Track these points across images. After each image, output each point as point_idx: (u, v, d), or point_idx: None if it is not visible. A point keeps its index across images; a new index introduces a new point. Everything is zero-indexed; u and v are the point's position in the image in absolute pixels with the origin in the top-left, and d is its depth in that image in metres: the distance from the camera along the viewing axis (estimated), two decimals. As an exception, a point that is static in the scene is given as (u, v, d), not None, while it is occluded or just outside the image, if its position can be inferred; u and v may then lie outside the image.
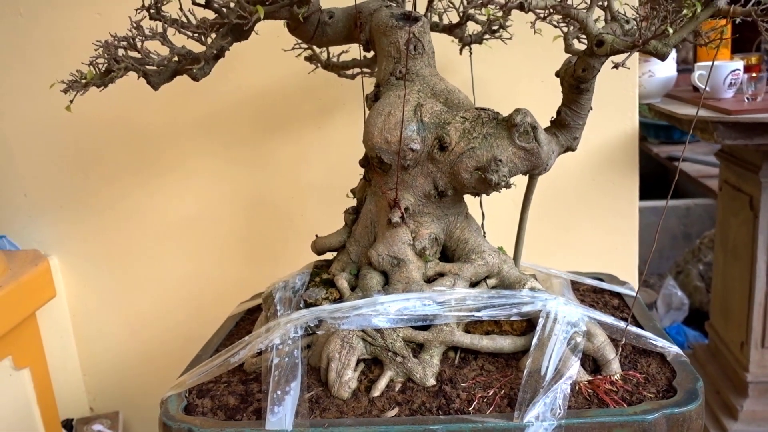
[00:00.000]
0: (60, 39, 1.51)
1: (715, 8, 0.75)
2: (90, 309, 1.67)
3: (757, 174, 1.46)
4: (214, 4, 0.95)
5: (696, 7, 0.73)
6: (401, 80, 0.91)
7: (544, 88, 1.43)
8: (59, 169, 1.59)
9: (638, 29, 0.76)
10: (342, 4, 1.00)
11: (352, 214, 1.01)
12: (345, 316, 0.90)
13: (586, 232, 1.52)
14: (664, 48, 0.75)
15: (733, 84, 1.44)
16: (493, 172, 0.85)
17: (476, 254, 0.94)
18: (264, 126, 1.54)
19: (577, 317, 0.88)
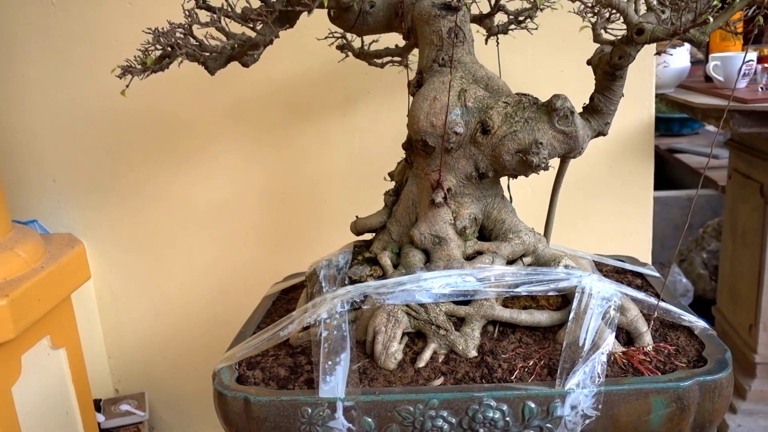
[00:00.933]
0: (91, 28, 1.54)
1: None
2: (116, 293, 1.70)
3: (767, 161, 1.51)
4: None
5: None
6: (444, 67, 0.95)
7: (564, 77, 1.48)
8: (87, 156, 1.63)
9: (679, 18, 0.81)
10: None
11: (393, 196, 1.05)
12: (390, 292, 0.94)
13: (602, 218, 1.57)
14: (702, 36, 0.80)
15: (746, 74, 1.49)
16: (534, 155, 0.90)
17: (513, 233, 0.98)
18: (290, 114, 1.57)
19: (610, 293, 0.93)
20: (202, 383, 1.74)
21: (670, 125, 3.65)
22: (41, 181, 1.64)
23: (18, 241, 1.29)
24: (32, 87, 1.59)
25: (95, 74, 1.57)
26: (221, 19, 0.92)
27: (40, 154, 1.63)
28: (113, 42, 1.55)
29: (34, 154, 1.62)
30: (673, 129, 3.64)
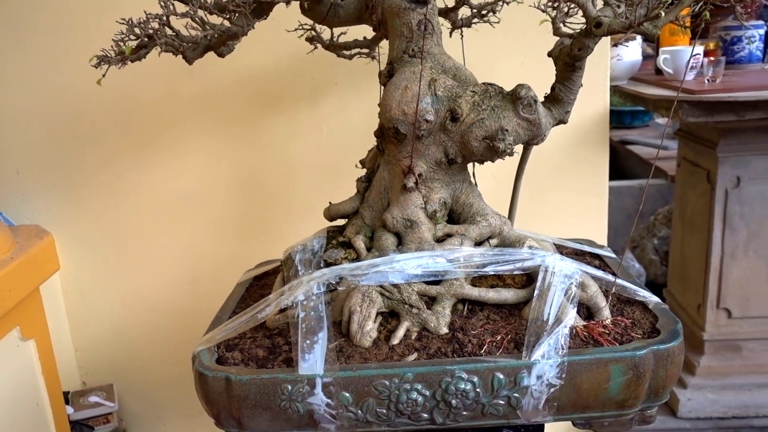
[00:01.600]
0: (57, 17, 1.54)
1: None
2: (83, 285, 1.70)
3: (715, 150, 1.60)
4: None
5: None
6: (414, 58, 1.00)
7: (524, 69, 1.54)
8: (52, 147, 1.62)
9: (633, 12, 0.87)
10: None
11: (365, 182, 1.09)
12: (364, 273, 0.98)
13: (561, 203, 1.64)
14: (654, 29, 0.86)
15: (694, 67, 1.57)
16: (500, 141, 0.95)
17: (480, 216, 1.03)
18: (258, 105, 1.60)
19: (572, 270, 0.99)
20: (171, 373, 1.76)
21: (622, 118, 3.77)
22: (4, 172, 1.63)
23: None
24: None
25: (60, 64, 1.57)
26: (197, 11, 0.94)
27: (2, 146, 1.61)
28: (79, 32, 1.55)
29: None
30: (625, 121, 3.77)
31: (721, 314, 1.70)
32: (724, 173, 1.60)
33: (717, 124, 1.51)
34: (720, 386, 1.72)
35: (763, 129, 1.56)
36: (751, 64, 1.76)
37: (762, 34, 1.75)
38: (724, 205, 1.63)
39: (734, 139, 1.57)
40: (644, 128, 3.77)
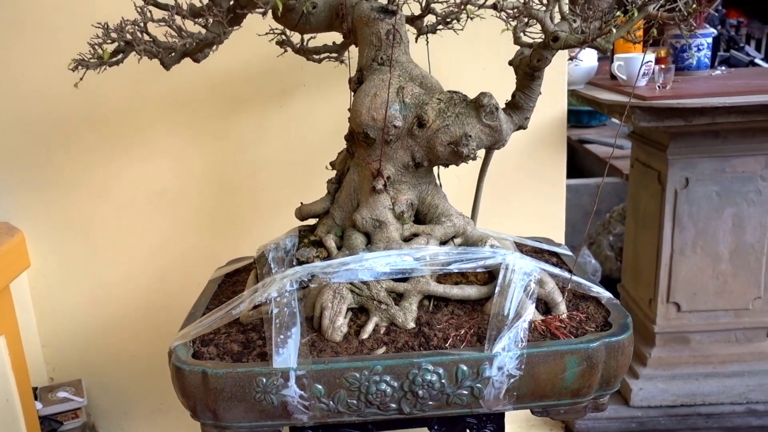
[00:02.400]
0: (26, 15, 1.54)
1: (647, 12, 0.93)
2: (51, 281, 1.71)
3: (665, 152, 1.68)
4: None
5: (633, 11, 0.91)
6: (383, 66, 1.05)
7: (486, 73, 1.60)
8: (20, 143, 1.62)
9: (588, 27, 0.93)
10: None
11: (335, 184, 1.13)
12: (335, 271, 1.03)
13: (521, 202, 1.71)
14: (607, 44, 0.93)
15: (646, 74, 1.65)
16: (464, 146, 1.01)
17: (445, 217, 1.09)
18: (228, 105, 1.63)
19: (531, 268, 1.06)
20: (139, 368, 1.78)
21: (580, 117, 3.88)
22: (-29, 170, 1.63)
23: (-43, 230, 1.30)
24: (-39, 74, 1.57)
25: (29, 61, 1.57)
26: (174, 18, 0.97)
27: (-30, 144, 1.61)
28: (48, 30, 1.55)
29: (-36, 143, 1.61)
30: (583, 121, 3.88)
31: (671, 308, 1.79)
32: (673, 174, 1.69)
33: (667, 129, 1.59)
34: (670, 376, 1.82)
35: (710, 133, 1.65)
36: (700, 71, 1.85)
37: (710, 43, 1.85)
38: (673, 205, 1.72)
39: (683, 142, 1.66)
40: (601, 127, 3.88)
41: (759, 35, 5.15)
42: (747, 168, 1.69)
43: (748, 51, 3.95)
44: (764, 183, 1.71)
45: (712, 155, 1.69)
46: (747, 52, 3.88)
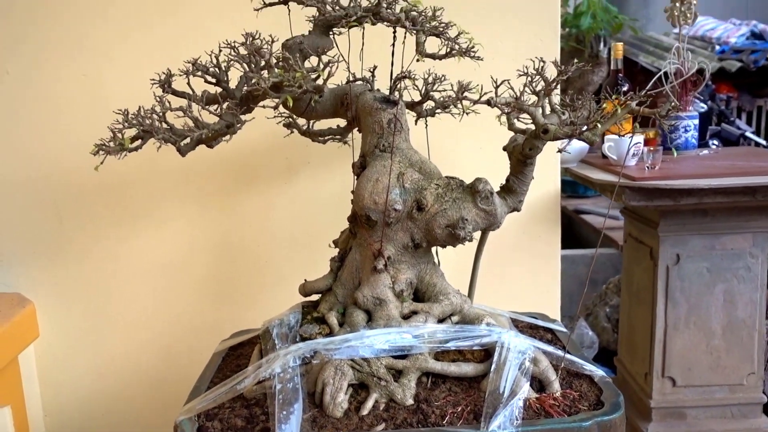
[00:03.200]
0: (45, 97, 1.62)
1: (629, 108, 1.00)
2: (57, 351, 1.73)
3: (656, 229, 1.74)
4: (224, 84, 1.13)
5: (617, 108, 0.98)
6: (384, 152, 1.11)
7: (483, 154, 1.67)
8: (33, 215, 1.68)
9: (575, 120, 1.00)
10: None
11: (338, 262, 1.19)
12: (337, 348, 1.07)
13: (517, 277, 1.76)
14: (594, 137, 1.00)
15: (635, 154, 1.73)
16: (461, 229, 1.06)
17: (443, 295, 1.14)
18: (236, 179, 1.69)
19: (525, 347, 1.09)
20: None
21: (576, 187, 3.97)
22: (-16, 240, 1.68)
23: (-29, 302, 1.34)
24: (-20, 149, 1.64)
25: (44, 138, 1.65)
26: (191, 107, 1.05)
27: (-18, 214, 1.67)
28: (65, 108, 1.63)
29: (-22, 214, 1.67)
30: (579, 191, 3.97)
31: (666, 383, 1.82)
32: (664, 251, 1.74)
33: (657, 207, 1.66)
34: (668, 451, 1.83)
35: (698, 211, 1.72)
36: (688, 150, 1.93)
37: (696, 124, 1.94)
38: (666, 281, 1.76)
39: (673, 220, 1.72)
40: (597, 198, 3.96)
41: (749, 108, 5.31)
42: (736, 245, 1.75)
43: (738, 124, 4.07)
44: (753, 260, 1.76)
45: (701, 233, 1.75)
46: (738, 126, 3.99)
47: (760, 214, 1.74)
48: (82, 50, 1.62)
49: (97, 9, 1.60)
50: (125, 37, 1.62)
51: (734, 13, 5.05)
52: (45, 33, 1.61)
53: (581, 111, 1.06)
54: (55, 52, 1.61)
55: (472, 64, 1.10)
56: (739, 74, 4.18)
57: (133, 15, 1.61)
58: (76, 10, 1.60)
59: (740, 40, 4.52)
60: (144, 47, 1.62)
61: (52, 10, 1.60)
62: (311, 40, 1.13)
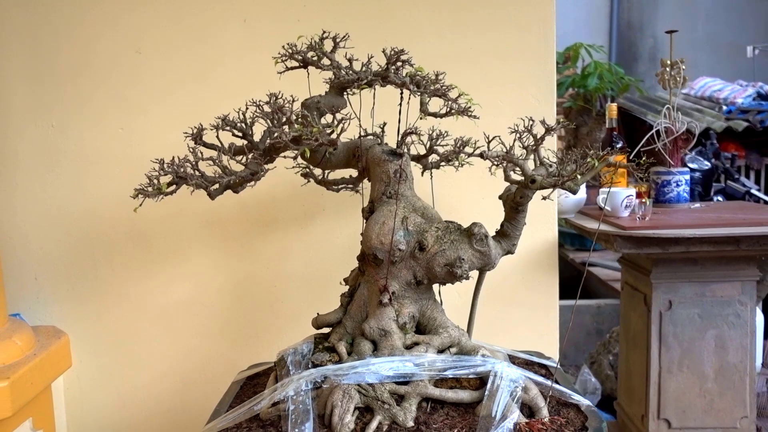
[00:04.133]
0: (85, 146, 1.79)
1: (606, 162, 1.14)
2: (83, 382, 1.85)
3: (649, 276, 1.85)
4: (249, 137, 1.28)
5: (595, 162, 1.12)
6: (391, 199, 1.25)
7: (483, 203, 1.80)
8: (68, 257, 1.82)
9: (558, 171, 1.13)
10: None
11: (348, 297, 1.31)
12: (345, 374, 1.18)
13: (515, 321, 1.87)
14: (575, 187, 1.13)
15: (628, 206, 1.85)
16: (458, 267, 1.19)
17: (442, 329, 1.25)
18: (255, 225, 1.84)
19: (517, 375, 1.20)
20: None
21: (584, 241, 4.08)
22: (24, 278, 1.82)
23: (15, 330, 1.47)
24: (25, 195, 1.80)
25: (83, 186, 1.80)
26: (220, 156, 1.19)
27: (25, 254, 1.82)
28: (103, 159, 1.80)
29: (21, 254, 1.81)
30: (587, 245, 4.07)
31: (662, 424, 1.89)
32: (657, 297, 1.85)
33: (648, 255, 1.77)
34: (666, 494, 1.88)
35: (689, 260, 1.83)
36: (680, 204, 2.05)
37: (687, 179, 2.06)
38: (659, 326, 1.86)
39: (665, 268, 1.83)
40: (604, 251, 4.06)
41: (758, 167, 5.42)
42: (725, 293, 1.85)
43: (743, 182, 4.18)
44: (742, 307, 1.86)
45: (692, 280, 1.85)
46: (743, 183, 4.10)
47: (747, 264, 1.84)
48: (120, 106, 1.79)
49: (134, 69, 1.78)
50: (160, 95, 1.79)
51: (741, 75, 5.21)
52: (87, 91, 1.78)
53: (568, 164, 1.19)
54: (96, 107, 1.79)
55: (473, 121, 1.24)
56: (746, 134, 4.32)
57: (168, 76, 1.79)
58: (114, 70, 1.78)
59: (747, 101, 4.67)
60: (176, 105, 1.79)
61: (94, 70, 1.78)
62: (327, 100, 1.29)
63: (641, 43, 6.49)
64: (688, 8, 6.32)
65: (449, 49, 1.80)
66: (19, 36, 1.77)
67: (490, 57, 1.81)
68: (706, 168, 3.31)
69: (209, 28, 1.78)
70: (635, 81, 4.78)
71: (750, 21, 6.15)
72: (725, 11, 6.27)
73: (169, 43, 1.79)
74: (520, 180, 1.26)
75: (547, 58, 1.80)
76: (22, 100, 1.78)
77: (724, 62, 5.83)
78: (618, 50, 6.56)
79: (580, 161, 1.19)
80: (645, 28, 6.46)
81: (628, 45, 6.56)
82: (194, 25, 1.78)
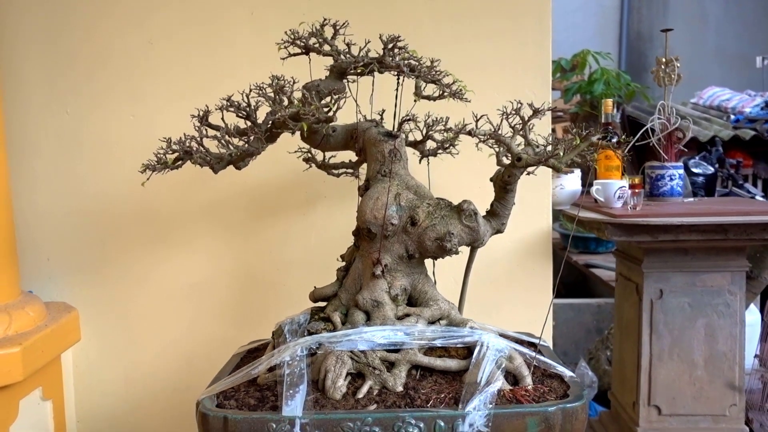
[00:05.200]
0: (97, 133, 1.87)
1: (589, 141, 1.20)
2: (91, 359, 1.92)
3: (640, 266, 1.90)
4: (253, 118, 1.35)
5: (577, 140, 1.18)
6: (385, 177, 1.31)
7: (479, 192, 1.85)
8: (80, 240, 1.90)
9: (544, 151, 1.20)
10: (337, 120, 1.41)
11: (343, 271, 1.37)
12: (339, 341, 1.25)
13: (510, 304, 1.92)
14: (558, 164, 1.19)
15: (621, 197, 1.91)
16: (447, 242, 1.25)
17: (433, 301, 1.32)
18: (259, 211, 1.90)
19: (503, 346, 1.26)
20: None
21: (587, 244, 4.12)
22: (37, 258, 1.90)
23: (27, 303, 1.54)
24: (39, 178, 1.88)
25: (96, 171, 1.88)
26: (224, 135, 1.27)
27: (40, 236, 1.89)
28: (115, 145, 1.87)
29: (35, 236, 1.89)
30: (590, 247, 4.12)
31: (652, 411, 1.93)
32: (648, 286, 1.90)
33: (639, 244, 1.82)
34: (657, 481, 1.92)
35: (679, 250, 1.88)
36: (673, 198, 2.10)
37: (681, 174, 2.11)
38: (650, 314, 1.91)
39: (656, 257, 1.88)
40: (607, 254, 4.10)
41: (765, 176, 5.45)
42: (715, 283, 1.90)
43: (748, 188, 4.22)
44: (732, 297, 1.90)
45: (683, 270, 1.90)
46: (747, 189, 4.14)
47: (737, 254, 1.89)
48: (132, 95, 1.87)
49: (146, 59, 1.86)
50: (170, 84, 1.87)
51: (751, 86, 5.24)
52: (100, 80, 1.87)
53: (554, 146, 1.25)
54: (109, 96, 1.87)
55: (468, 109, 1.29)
56: (754, 143, 4.35)
57: (178, 66, 1.87)
58: (127, 60, 1.87)
59: (755, 110, 4.70)
60: (185, 94, 1.86)
61: (108, 60, 1.86)
62: (327, 84, 1.36)
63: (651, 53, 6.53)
64: (698, 19, 6.36)
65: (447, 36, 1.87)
66: (37, 28, 1.85)
67: (485, 43, 1.87)
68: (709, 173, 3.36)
69: (218, 21, 1.86)
70: (641, 88, 4.82)
71: (759, 32, 6.19)
72: (735, 22, 6.31)
73: (179, 35, 1.86)
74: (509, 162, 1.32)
75: (543, 44, 1.86)
76: (39, 89, 1.86)
77: (733, 73, 5.87)
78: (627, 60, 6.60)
79: (565, 140, 1.25)
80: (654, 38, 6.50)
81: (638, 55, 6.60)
82: (203, 18, 1.86)
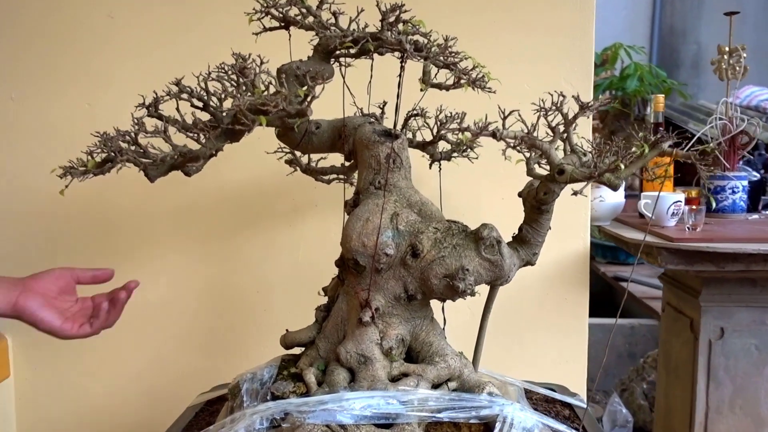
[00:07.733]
0: (47, 124, 1.57)
1: (660, 149, 0.86)
2: (37, 393, 1.63)
3: (697, 298, 1.57)
4: (211, 108, 1.03)
5: (644, 147, 0.85)
6: (380, 190, 0.99)
7: (504, 204, 1.53)
8: (25, 248, 1.60)
9: (594, 161, 0.87)
10: (327, 114, 1.09)
11: (324, 312, 1.05)
12: (311, 410, 0.93)
13: (538, 344, 1.59)
14: (617, 180, 0.86)
15: (675, 214, 1.57)
16: (460, 280, 0.92)
17: (439, 357, 0.99)
18: (237, 221, 1.60)
19: (531, 423, 0.93)
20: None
21: (617, 254, 3.77)
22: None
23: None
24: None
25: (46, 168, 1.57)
26: (167, 129, 0.95)
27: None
28: (67, 138, 1.57)
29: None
30: (620, 258, 3.77)
31: (706, 473, 1.60)
32: (707, 323, 1.56)
33: (699, 273, 1.49)
34: None
35: (747, 281, 1.54)
36: (735, 214, 1.76)
37: (745, 186, 1.77)
38: (708, 357, 1.58)
39: (717, 288, 1.54)
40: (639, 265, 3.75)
41: (808, 181, 5.07)
42: (789, 321, 1.56)
43: (793, 196, 3.85)
44: (809, 339, 1.56)
45: (749, 305, 1.56)
46: (793, 198, 3.77)
47: (818, 287, 1.55)
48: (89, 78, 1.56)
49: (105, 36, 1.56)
50: (132, 66, 1.56)
51: (791, 84, 4.89)
52: (51, 60, 1.56)
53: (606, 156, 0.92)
54: (58, 79, 1.56)
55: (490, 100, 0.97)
56: (795, 145, 3.98)
57: (142, 44, 1.56)
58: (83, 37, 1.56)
59: (795, 111, 4.35)
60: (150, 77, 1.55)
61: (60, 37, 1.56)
62: (308, 65, 1.03)
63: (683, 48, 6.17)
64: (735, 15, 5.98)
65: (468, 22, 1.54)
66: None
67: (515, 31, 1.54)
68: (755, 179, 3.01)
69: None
70: (678, 85, 4.45)
71: (800, 28, 5.81)
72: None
73: (146, 8, 1.55)
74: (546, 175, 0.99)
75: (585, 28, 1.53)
76: (-23, 70, 1.56)
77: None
78: (659, 56, 6.24)
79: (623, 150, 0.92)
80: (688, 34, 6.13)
81: (670, 51, 6.23)
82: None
